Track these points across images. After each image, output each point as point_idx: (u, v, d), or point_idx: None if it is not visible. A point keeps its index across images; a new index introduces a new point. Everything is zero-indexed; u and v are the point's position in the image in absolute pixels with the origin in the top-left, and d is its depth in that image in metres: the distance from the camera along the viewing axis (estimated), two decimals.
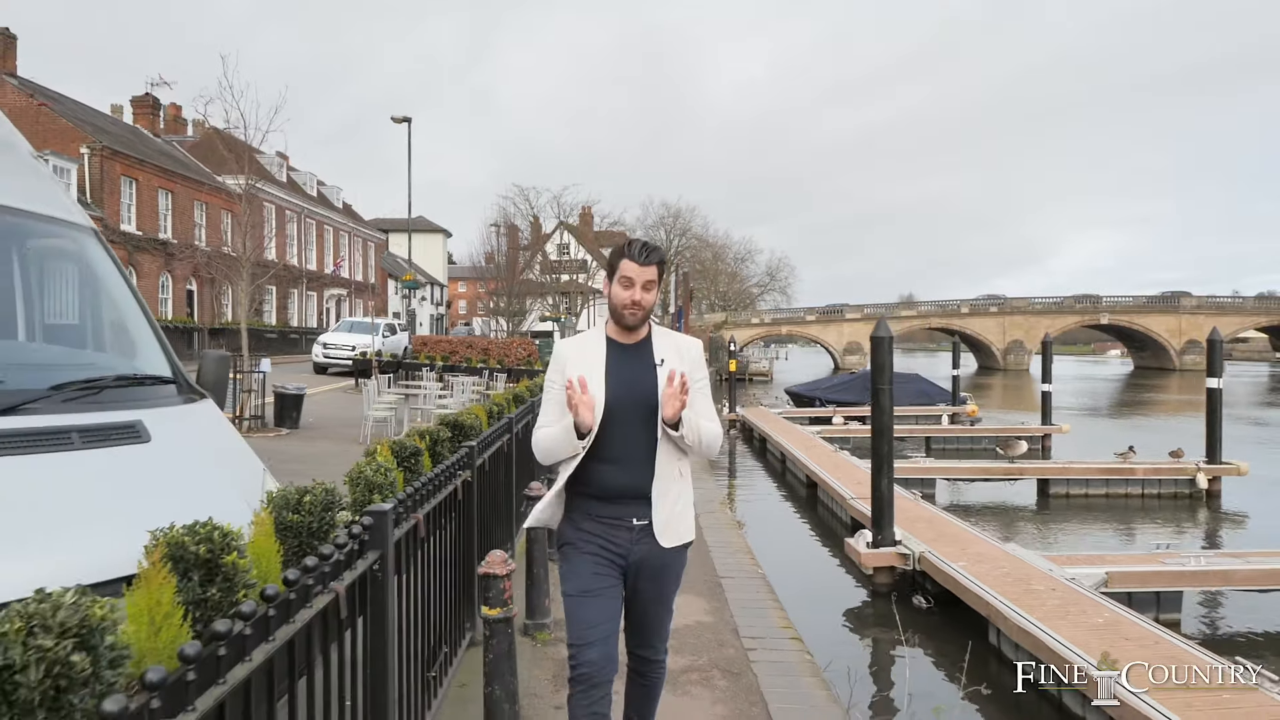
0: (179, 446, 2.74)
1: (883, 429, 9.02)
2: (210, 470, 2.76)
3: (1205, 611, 8.42)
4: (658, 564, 2.75)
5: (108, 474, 2.41)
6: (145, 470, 2.51)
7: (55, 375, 2.80)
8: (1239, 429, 24.43)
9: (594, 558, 2.70)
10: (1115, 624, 6.37)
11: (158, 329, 3.43)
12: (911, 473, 14.43)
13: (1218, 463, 14.49)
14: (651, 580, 2.78)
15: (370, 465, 2.89)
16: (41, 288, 3.29)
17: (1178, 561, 8.03)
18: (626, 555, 2.72)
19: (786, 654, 4.68)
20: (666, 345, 2.82)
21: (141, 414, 2.72)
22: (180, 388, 3.18)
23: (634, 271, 2.70)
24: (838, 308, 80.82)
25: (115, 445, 2.52)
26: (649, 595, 2.80)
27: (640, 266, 2.70)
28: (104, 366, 3.05)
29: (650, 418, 2.70)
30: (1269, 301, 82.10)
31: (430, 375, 19.58)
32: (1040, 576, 7.63)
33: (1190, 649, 5.91)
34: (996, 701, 6.02)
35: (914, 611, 8.24)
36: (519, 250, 56.40)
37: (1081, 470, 14.73)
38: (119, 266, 3.53)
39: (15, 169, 3.47)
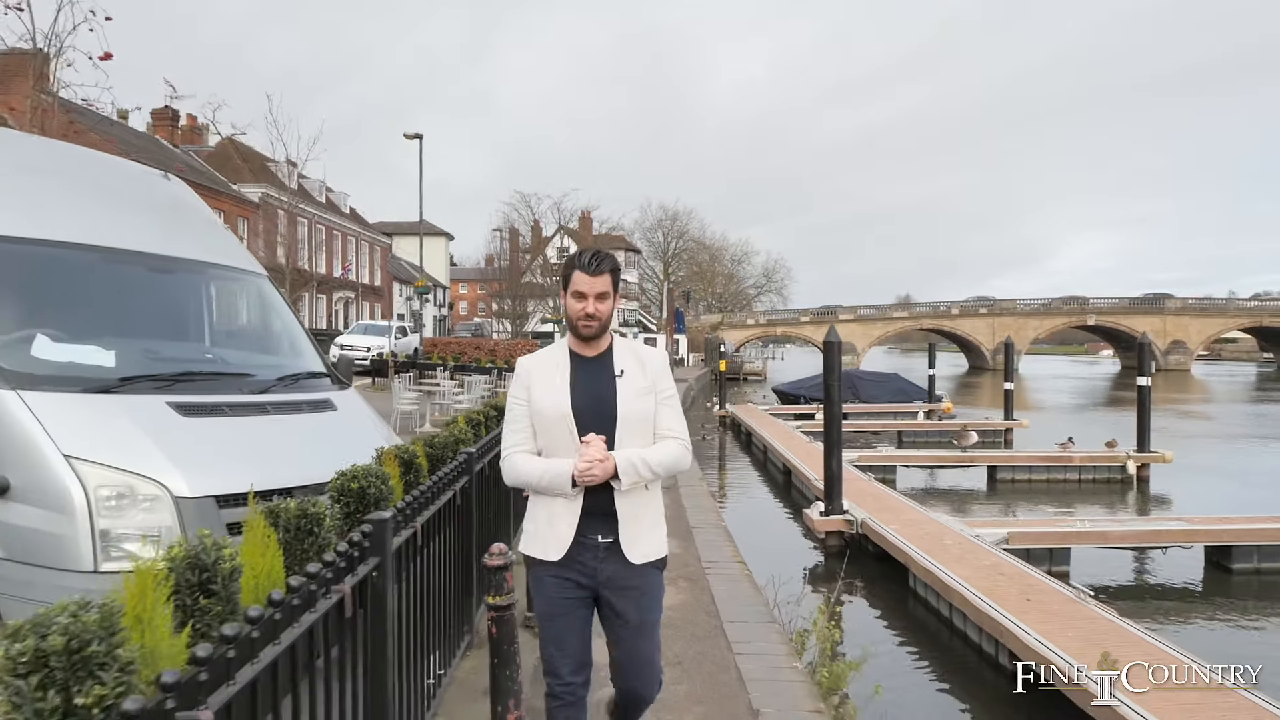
0: (351, 413, 4.61)
1: (833, 418, 10.87)
2: (368, 427, 4.61)
3: (1090, 565, 10.26)
4: (627, 583, 2.67)
5: (322, 427, 4.27)
6: (339, 426, 4.37)
7: (275, 371, 4.66)
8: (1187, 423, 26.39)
9: (560, 580, 2.66)
10: (996, 565, 8.25)
11: (313, 339, 5.31)
12: (874, 460, 16.32)
13: (1146, 452, 16.36)
14: (627, 602, 2.68)
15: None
16: (244, 314, 5.17)
17: (1066, 524, 9.91)
18: (594, 574, 2.65)
19: (732, 571, 6.55)
20: (628, 356, 2.75)
21: (328, 394, 4.60)
22: (334, 379, 5.03)
23: (585, 284, 2.63)
24: (831, 309, 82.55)
25: (321, 412, 4.38)
26: (630, 622, 2.69)
27: (591, 277, 2.63)
28: (293, 366, 4.89)
29: (611, 431, 2.64)
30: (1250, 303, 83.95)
31: (444, 374, 21.43)
32: (952, 535, 9.51)
33: (1043, 578, 7.79)
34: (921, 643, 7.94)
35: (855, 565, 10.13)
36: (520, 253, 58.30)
37: (1025, 458, 16.63)
38: (285, 297, 5.40)
39: (209, 232, 5.35)
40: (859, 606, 9.28)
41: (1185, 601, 9.73)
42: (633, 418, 2.65)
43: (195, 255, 4.85)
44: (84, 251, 4.21)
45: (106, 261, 4.31)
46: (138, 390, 3.77)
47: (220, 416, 3.87)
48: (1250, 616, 9.14)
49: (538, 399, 2.68)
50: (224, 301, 5.13)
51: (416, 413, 16.04)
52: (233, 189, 40.31)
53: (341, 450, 3.66)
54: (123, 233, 4.49)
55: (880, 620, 8.77)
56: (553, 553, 2.63)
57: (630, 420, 2.64)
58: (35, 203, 4.24)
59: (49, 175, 4.57)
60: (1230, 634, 8.74)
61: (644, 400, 2.68)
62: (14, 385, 3.42)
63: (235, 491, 3.44)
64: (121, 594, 1.65)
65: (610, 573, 2.64)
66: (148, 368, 4.02)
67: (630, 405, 2.65)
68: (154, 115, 42.62)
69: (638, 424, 2.66)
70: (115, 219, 4.58)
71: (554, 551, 2.63)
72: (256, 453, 3.77)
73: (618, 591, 2.66)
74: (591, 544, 2.63)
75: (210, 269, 4.91)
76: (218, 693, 1.60)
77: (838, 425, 10.80)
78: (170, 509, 3.31)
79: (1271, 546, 9.88)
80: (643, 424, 2.67)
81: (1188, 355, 77.90)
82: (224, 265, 5.08)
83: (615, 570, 2.64)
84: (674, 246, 79.84)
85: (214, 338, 4.85)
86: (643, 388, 2.70)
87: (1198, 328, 78.42)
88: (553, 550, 2.63)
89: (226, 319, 5.23)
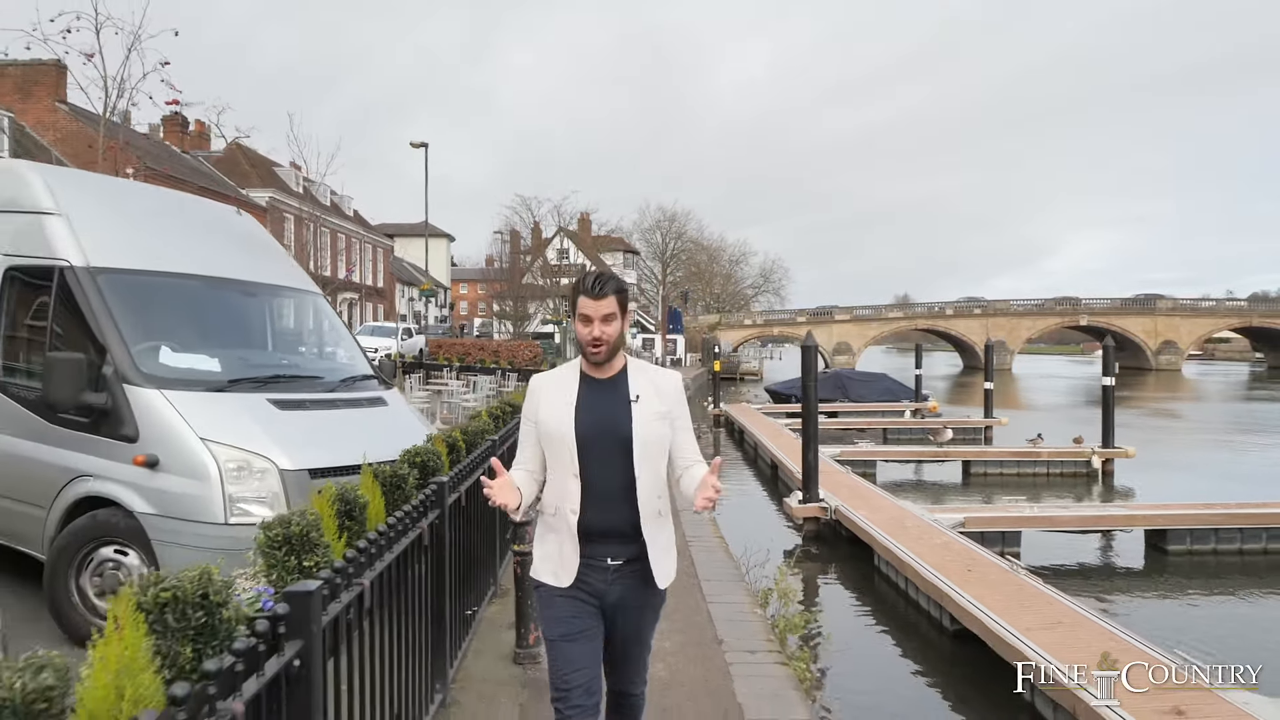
0: (399, 409, 5.74)
1: (810, 415, 11.99)
2: (412, 419, 5.74)
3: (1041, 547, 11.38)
4: (636, 603, 2.72)
5: (379, 420, 5.40)
6: (391, 419, 5.49)
7: (338, 374, 5.80)
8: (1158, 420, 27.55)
9: (571, 600, 2.67)
10: (947, 544, 9.37)
11: (360, 346, 6.44)
12: (855, 455, 17.45)
13: (1110, 447, 17.49)
14: (629, 619, 2.73)
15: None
16: (309, 326, 6.30)
17: (1017, 510, 11.04)
18: (603, 596, 2.68)
19: (711, 544, 7.68)
20: (642, 381, 2.75)
21: (380, 393, 5.73)
22: (381, 380, 6.16)
23: (590, 307, 2.64)
24: (827, 309, 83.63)
25: (377, 407, 5.52)
26: (627, 633, 2.76)
27: (595, 300, 2.64)
28: (351, 370, 6.01)
29: (625, 455, 2.63)
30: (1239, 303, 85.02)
31: (450, 375, 22.55)
32: (913, 519, 10.63)
33: (985, 554, 8.92)
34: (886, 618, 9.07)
35: (830, 547, 11.27)
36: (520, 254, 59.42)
37: (997, 453, 17.78)
38: (336, 312, 6.53)
39: (278, 259, 6.48)
40: (830, 582, 10.39)
41: (1126, 579, 10.86)
42: (649, 442, 2.66)
43: (271, 280, 5.99)
44: (191, 280, 5.35)
45: (208, 287, 5.45)
46: (242, 389, 4.91)
47: (305, 410, 5.01)
48: (1180, 591, 10.26)
49: (544, 419, 2.72)
50: (293, 317, 6.27)
51: (427, 411, 17.19)
52: (241, 193, 41.34)
53: (393, 438, 4.79)
54: (218, 264, 5.63)
55: (848, 593, 9.90)
56: (563, 579, 2.67)
57: (647, 445, 2.65)
58: (154, 242, 5.38)
59: (160, 217, 5.71)
60: (1161, 604, 9.88)
61: (659, 425, 2.69)
62: (157, 386, 4.55)
63: (321, 466, 4.58)
64: (314, 513, 2.78)
65: (620, 594, 2.68)
66: (246, 372, 5.15)
67: (646, 430, 2.66)
68: (164, 121, 43.77)
69: (653, 448, 2.67)
70: (210, 252, 5.72)
71: (564, 578, 2.66)
72: (332, 438, 4.91)
73: (625, 610, 2.70)
74: (601, 566, 2.66)
75: (282, 290, 6.05)
76: (366, 572, 2.71)
77: (814, 421, 11.92)
78: (277, 479, 4.44)
79: (1202, 530, 11.00)
80: (658, 448, 2.69)
81: (1179, 355, 79.01)
82: (291, 287, 6.22)
83: (625, 591, 2.68)
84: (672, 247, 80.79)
85: (289, 347, 6.00)
86: (659, 413, 2.71)
87: (1188, 328, 79.52)
88: (563, 577, 2.67)
89: (296, 331, 6.37)
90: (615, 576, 2.66)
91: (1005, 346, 79.81)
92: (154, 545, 4.29)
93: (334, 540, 2.77)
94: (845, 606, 9.32)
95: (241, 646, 1.62)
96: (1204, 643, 7.83)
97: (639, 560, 2.66)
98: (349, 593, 2.37)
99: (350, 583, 2.41)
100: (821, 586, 10.23)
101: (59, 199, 5.08)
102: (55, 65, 32.98)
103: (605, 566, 2.65)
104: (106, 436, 4.51)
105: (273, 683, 1.71)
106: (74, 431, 4.60)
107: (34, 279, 5.01)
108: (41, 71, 32.54)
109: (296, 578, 2.56)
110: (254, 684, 1.63)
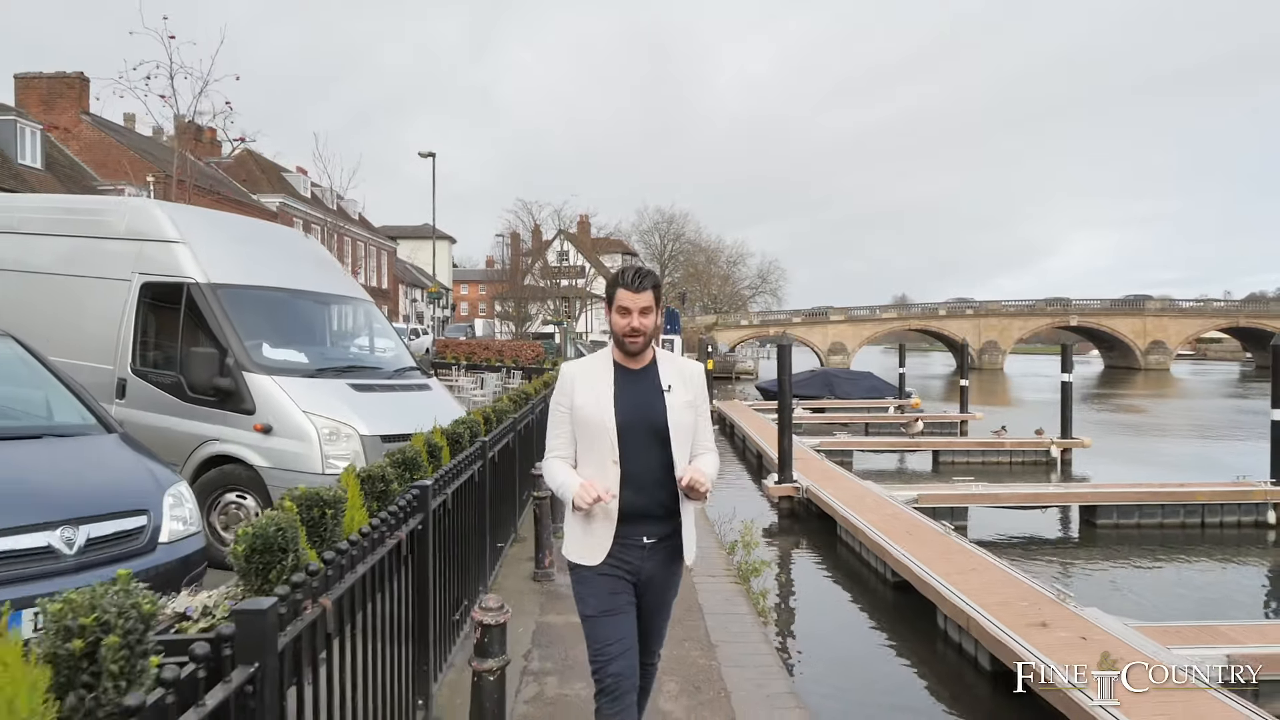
0: (439, 392, 7.29)
1: (785, 405, 13.52)
2: (452, 402, 7.29)
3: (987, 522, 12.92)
4: (663, 578, 2.90)
5: (427, 400, 6.93)
6: (435, 400, 7.03)
7: (392, 365, 7.33)
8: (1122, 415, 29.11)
9: (610, 577, 2.81)
10: (896, 514, 10.91)
11: (404, 342, 7.98)
12: (834, 445, 19.01)
13: (1068, 438, 19.03)
14: (657, 593, 2.92)
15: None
16: (366, 328, 7.85)
17: (965, 488, 12.59)
18: (638, 572, 2.83)
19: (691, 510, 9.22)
20: (672, 371, 2.91)
21: (425, 381, 7.28)
22: (421, 371, 7.69)
23: (629, 300, 2.77)
24: (822, 310, 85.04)
25: (424, 391, 7.07)
26: (654, 606, 2.95)
27: (634, 294, 2.77)
28: (401, 362, 7.54)
29: (661, 441, 2.79)
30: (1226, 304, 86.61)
31: (459, 373, 24.11)
32: (872, 497, 12.17)
33: (927, 521, 10.46)
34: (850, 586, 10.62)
35: (801, 522, 12.80)
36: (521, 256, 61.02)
37: (964, 444, 19.34)
38: (382, 314, 8.07)
39: (338, 273, 8.02)
40: (801, 550, 11.92)
41: (1063, 547, 12.39)
42: (682, 430, 2.84)
43: (336, 291, 7.53)
44: (279, 292, 6.89)
45: (291, 297, 6.99)
46: (327, 376, 6.45)
47: (373, 392, 6.55)
48: (1108, 557, 11.78)
49: (580, 406, 2.85)
50: (353, 320, 7.81)
51: None
52: (253, 199, 42.86)
53: (439, 413, 6.31)
54: (296, 278, 7.17)
55: (813, 556, 11.44)
56: (593, 558, 2.81)
57: (680, 432, 2.83)
58: (249, 262, 6.91)
59: (249, 242, 7.25)
60: (1091, 565, 11.40)
61: (689, 413, 2.89)
62: (268, 373, 6.10)
63: (389, 433, 6.11)
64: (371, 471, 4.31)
65: (652, 570, 2.86)
66: (328, 363, 6.70)
67: (679, 418, 2.84)
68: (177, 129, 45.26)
69: (685, 434, 2.86)
70: (289, 269, 7.26)
71: (595, 556, 2.81)
72: (394, 412, 6.45)
73: (655, 585, 2.90)
74: (637, 545, 2.82)
75: (345, 299, 7.59)
76: (437, 497, 4.20)
77: (789, 411, 13.46)
78: (358, 441, 5.98)
79: (1126, 506, 12.54)
80: (688, 434, 2.87)
81: (1167, 355, 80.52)
82: (350, 296, 7.77)
83: (656, 567, 2.87)
84: (670, 249, 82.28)
85: (353, 344, 7.55)
86: (688, 401, 2.90)
87: (1176, 328, 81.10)
88: (592, 556, 2.82)
89: (356, 332, 7.91)
90: (649, 554, 2.84)
91: (997, 346, 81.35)
92: (269, 491, 5.82)
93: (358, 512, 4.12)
94: (809, 566, 10.87)
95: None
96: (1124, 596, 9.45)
97: (671, 538, 2.87)
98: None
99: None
100: (791, 551, 11.77)
101: (181, 230, 6.62)
102: (78, 77, 34.58)
103: (641, 545, 2.82)
104: (231, 410, 6.04)
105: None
106: (204, 407, 6.14)
107: (165, 292, 6.54)
108: (65, 83, 34.07)
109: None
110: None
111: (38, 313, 6.61)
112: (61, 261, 6.74)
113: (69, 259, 6.74)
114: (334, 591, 2.29)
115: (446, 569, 4.05)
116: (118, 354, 6.51)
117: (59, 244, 6.81)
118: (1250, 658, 5.81)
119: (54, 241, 6.84)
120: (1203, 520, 12.56)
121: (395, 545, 3.01)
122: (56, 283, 6.68)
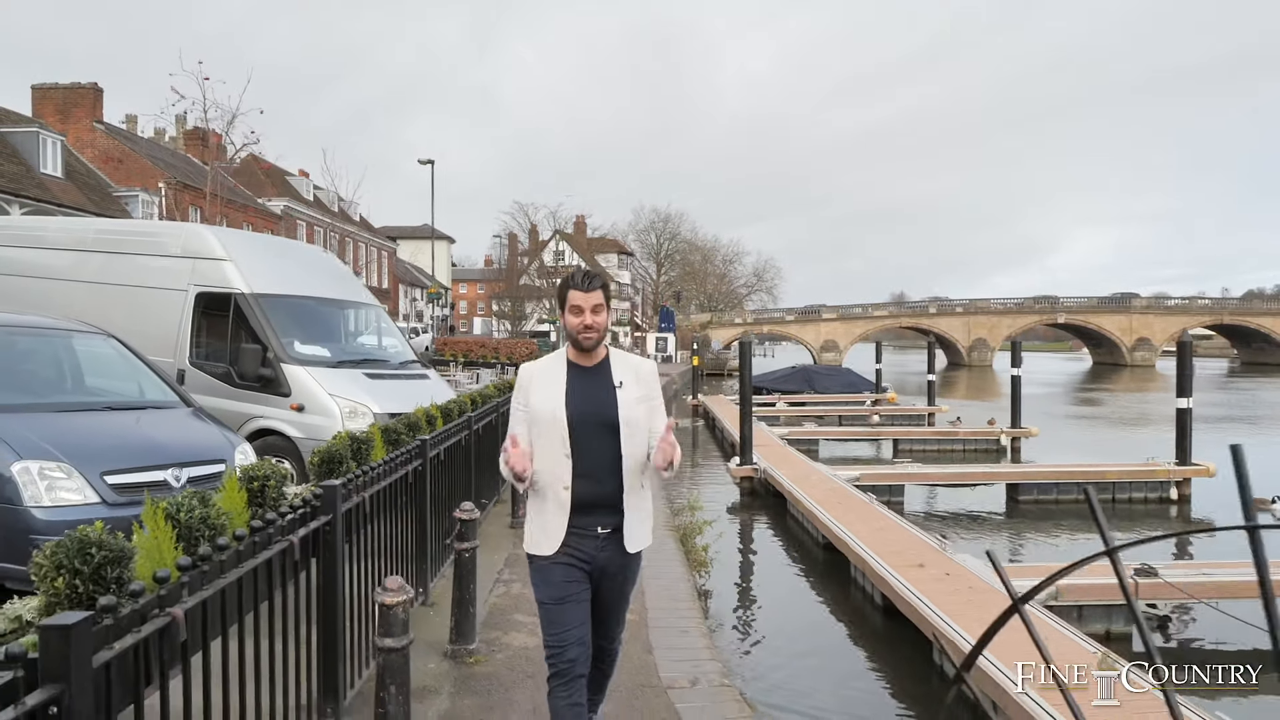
0: (436, 382, 8.94)
1: (745, 397, 15.14)
2: (446, 387, 8.92)
3: (923, 499, 14.54)
4: (618, 567, 3.06)
5: (426, 387, 8.57)
6: (432, 386, 8.67)
7: (398, 359, 8.97)
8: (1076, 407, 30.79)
9: (565, 566, 2.97)
10: (835, 490, 12.54)
11: (407, 338, 9.62)
12: (801, 434, 20.64)
13: (1017, 428, 20.66)
14: (614, 581, 3.08)
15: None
16: (376, 329, 9.49)
17: (902, 468, 14.22)
18: (592, 561, 2.99)
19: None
20: (624, 368, 3.08)
21: (424, 371, 8.93)
22: (422, 363, 9.33)
23: (581, 299, 2.96)
24: (815, 309, 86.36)
25: (424, 379, 8.71)
26: (612, 593, 3.12)
27: (586, 294, 2.97)
28: (404, 357, 9.16)
29: (612, 435, 2.96)
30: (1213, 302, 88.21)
31: (457, 368, 25.75)
32: (819, 476, 13.80)
33: (861, 496, 12.10)
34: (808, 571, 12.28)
35: (760, 500, 14.45)
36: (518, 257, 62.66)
37: (921, 433, 21.01)
38: (389, 316, 9.71)
39: (353, 282, 9.66)
40: (753, 522, 13.56)
41: (989, 520, 14.02)
42: (633, 423, 3.00)
43: (351, 298, 9.16)
44: (307, 300, 8.52)
45: (317, 304, 8.62)
46: (346, 367, 8.09)
47: (383, 379, 8.19)
48: (1029, 528, 13.42)
49: (535, 404, 3.02)
50: (365, 322, 9.44)
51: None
52: (258, 202, 44.46)
53: (435, 397, 7.96)
54: (319, 288, 8.80)
55: (765, 528, 13.07)
56: (549, 547, 2.97)
57: (631, 425, 2.99)
58: (281, 275, 8.53)
59: (280, 257, 8.88)
60: (1014, 534, 13.03)
61: (641, 408, 3.04)
62: (300, 364, 7.73)
63: (396, 411, 7.72)
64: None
65: (607, 559, 3.00)
66: (346, 357, 8.34)
67: (630, 412, 3.00)
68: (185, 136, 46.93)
69: (637, 429, 3.01)
70: (313, 280, 8.88)
71: (550, 546, 2.97)
72: (400, 395, 8.08)
73: (611, 573, 3.05)
74: (591, 535, 2.97)
75: (359, 305, 9.23)
76: (432, 452, 5.82)
77: (749, 401, 15.10)
78: (372, 418, 7.60)
79: (1045, 484, 14.18)
80: (641, 428, 3.02)
81: (1153, 351, 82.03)
82: (364, 303, 9.40)
83: (611, 556, 3.01)
84: (666, 248, 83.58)
85: (366, 341, 9.19)
86: (639, 396, 3.05)
87: (1161, 325, 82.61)
88: (547, 546, 2.98)
89: (368, 332, 9.53)
90: (604, 543, 2.99)
91: (986, 344, 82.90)
92: (302, 455, 7.44)
93: (380, 451, 5.84)
94: (758, 533, 12.52)
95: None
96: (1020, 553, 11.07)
97: (623, 528, 3.01)
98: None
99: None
100: (744, 521, 13.41)
101: (227, 249, 8.24)
102: (92, 88, 36.20)
103: (595, 535, 2.98)
104: (272, 394, 7.67)
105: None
106: (249, 391, 7.76)
107: (215, 300, 8.16)
108: (80, 94, 35.68)
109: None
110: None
111: (112, 317, 8.23)
112: (131, 275, 8.37)
113: (137, 274, 8.37)
114: (365, 491, 3.95)
115: (439, 508, 5.68)
116: (177, 349, 8.14)
117: (129, 261, 8.45)
118: (1068, 587, 7.43)
119: (124, 259, 8.47)
120: (1113, 496, 14.19)
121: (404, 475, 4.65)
122: (129, 293, 8.31)
